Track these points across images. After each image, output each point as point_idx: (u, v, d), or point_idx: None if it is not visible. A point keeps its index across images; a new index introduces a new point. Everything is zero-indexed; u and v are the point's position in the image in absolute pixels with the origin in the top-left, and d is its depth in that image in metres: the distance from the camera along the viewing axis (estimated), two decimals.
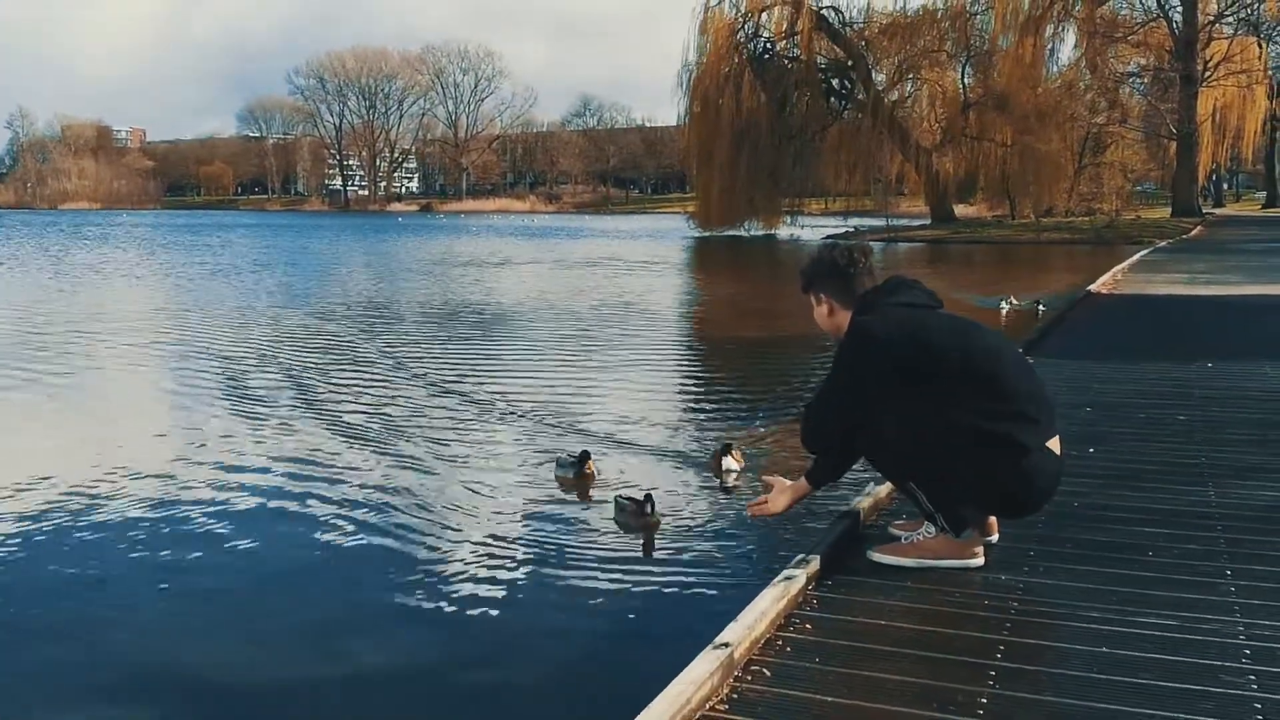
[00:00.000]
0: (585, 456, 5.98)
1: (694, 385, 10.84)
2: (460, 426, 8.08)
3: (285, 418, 8.39)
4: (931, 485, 3.63)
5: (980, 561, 3.72)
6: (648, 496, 5.32)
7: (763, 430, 7.93)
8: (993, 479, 3.56)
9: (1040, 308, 14.90)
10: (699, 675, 2.73)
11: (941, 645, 3.09)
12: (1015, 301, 15.72)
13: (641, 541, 5.17)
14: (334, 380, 10.36)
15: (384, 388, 9.89)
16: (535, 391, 9.63)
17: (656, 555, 4.98)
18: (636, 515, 5.23)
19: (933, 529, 3.76)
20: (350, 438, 7.69)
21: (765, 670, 2.93)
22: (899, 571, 3.69)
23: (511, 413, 8.57)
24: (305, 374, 10.73)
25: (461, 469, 6.76)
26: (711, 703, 2.73)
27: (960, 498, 3.64)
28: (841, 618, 3.30)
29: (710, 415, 8.68)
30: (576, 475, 5.89)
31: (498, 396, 9.32)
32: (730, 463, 6.34)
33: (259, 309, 17.45)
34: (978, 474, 3.55)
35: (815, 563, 3.60)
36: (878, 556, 3.80)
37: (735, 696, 2.78)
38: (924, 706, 2.71)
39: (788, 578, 3.44)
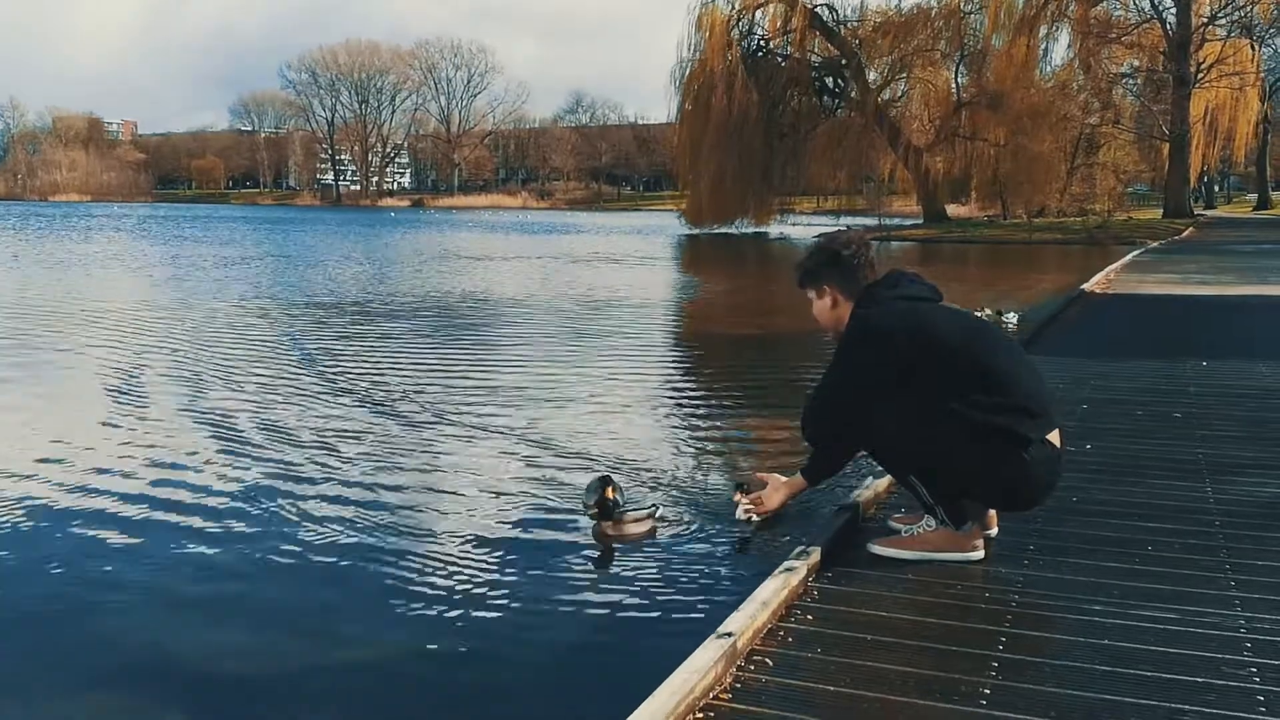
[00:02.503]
0: (605, 482, 5.67)
1: (690, 381, 10.83)
2: (455, 423, 8.06)
3: (271, 418, 8.35)
4: (932, 478, 3.63)
5: (980, 555, 3.72)
6: (599, 500, 5.04)
7: (759, 425, 7.93)
8: (994, 471, 3.56)
9: (1008, 321, 12.58)
10: (702, 664, 2.73)
11: (943, 637, 3.09)
12: (988, 312, 14.85)
13: (648, 534, 5.15)
14: (328, 378, 10.33)
15: (381, 385, 9.86)
16: (533, 388, 9.62)
17: (659, 547, 4.98)
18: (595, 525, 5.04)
19: (933, 522, 3.77)
20: (345, 434, 7.66)
21: (768, 660, 2.93)
22: (899, 564, 3.69)
23: (508, 410, 8.55)
24: (296, 372, 10.71)
25: (461, 467, 6.73)
26: (715, 691, 2.72)
27: (961, 491, 3.64)
28: (842, 609, 3.30)
29: (706, 411, 8.67)
30: (598, 502, 5.52)
31: (492, 392, 9.32)
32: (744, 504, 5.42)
33: (246, 303, 17.40)
34: (979, 466, 3.55)
35: (815, 554, 3.59)
36: (878, 549, 3.79)
37: (738, 685, 2.78)
38: (927, 696, 2.71)
39: (788, 569, 3.44)
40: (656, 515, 5.16)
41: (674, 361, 12.31)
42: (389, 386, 9.53)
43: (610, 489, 5.40)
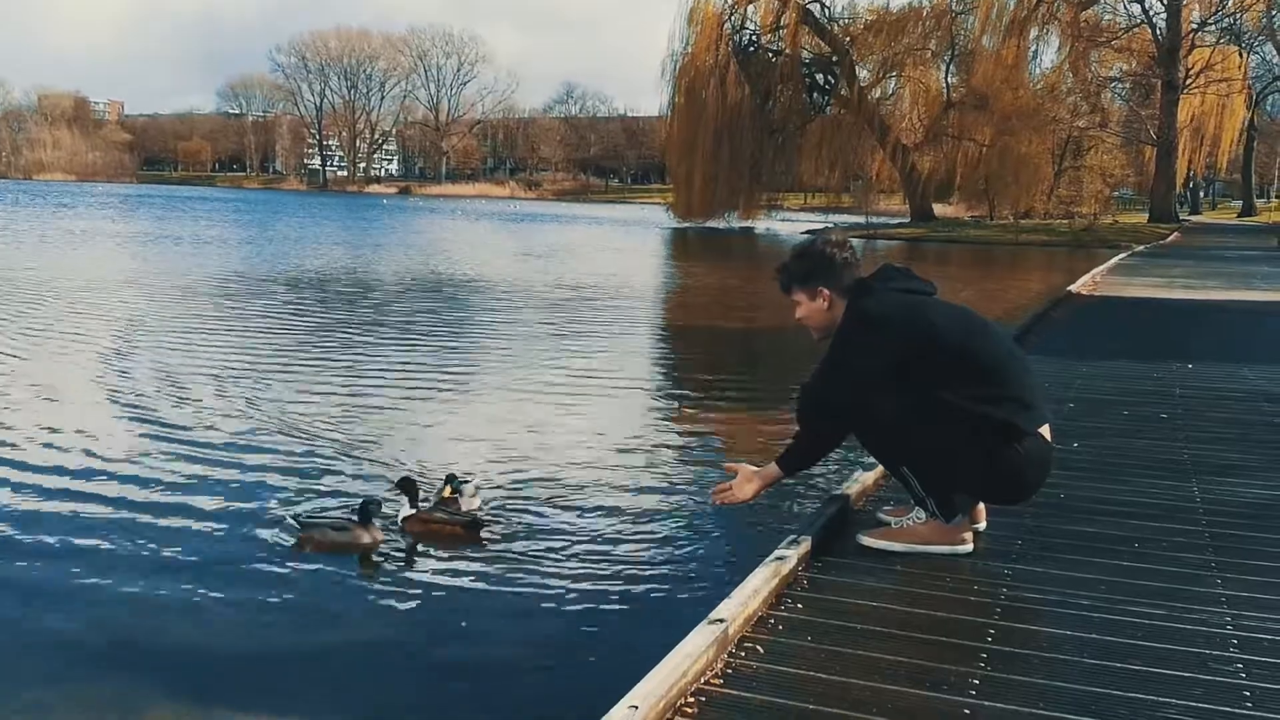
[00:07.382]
0: (448, 480, 5.32)
1: (672, 373, 10.84)
2: (442, 403, 8.06)
3: (256, 407, 8.33)
4: (926, 469, 3.64)
5: (969, 548, 3.74)
6: (363, 506, 4.94)
7: (737, 417, 7.94)
8: (988, 463, 3.57)
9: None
10: (695, 649, 2.73)
11: (933, 628, 3.10)
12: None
13: (641, 523, 5.16)
14: (321, 363, 10.31)
15: (376, 365, 9.85)
16: (512, 376, 9.62)
17: (653, 536, 5.00)
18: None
19: (922, 514, 3.77)
20: (337, 423, 7.65)
21: (759, 646, 2.94)
22: (888, 556, 3.70)
23: (494, 403, 8.55)
24: (283, 359, 10.68)
25: (447, 448, 6.74)
26: (707, 676, 2.73)
27: (954, 482, 3.66)
28: (833, 598, 3.31)
29: (695, 403, 8.69)
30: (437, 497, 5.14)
31: (468, 380, 9.33)
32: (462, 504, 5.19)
33: (232, 287, 17.34)
34: (973, 458, 3.56)
35: (806, 544, 3.60)
36: (867, 541, 3.80)
37: (729, 671, 2.79)
38: (916, 685, 2.72)
39: (779, 558, 3.45)
40: (370, 526, 4.92)
41: (656, 353, 12.32)
42: (369, 374, 9.52)
43: (449, 486, 5.19)
